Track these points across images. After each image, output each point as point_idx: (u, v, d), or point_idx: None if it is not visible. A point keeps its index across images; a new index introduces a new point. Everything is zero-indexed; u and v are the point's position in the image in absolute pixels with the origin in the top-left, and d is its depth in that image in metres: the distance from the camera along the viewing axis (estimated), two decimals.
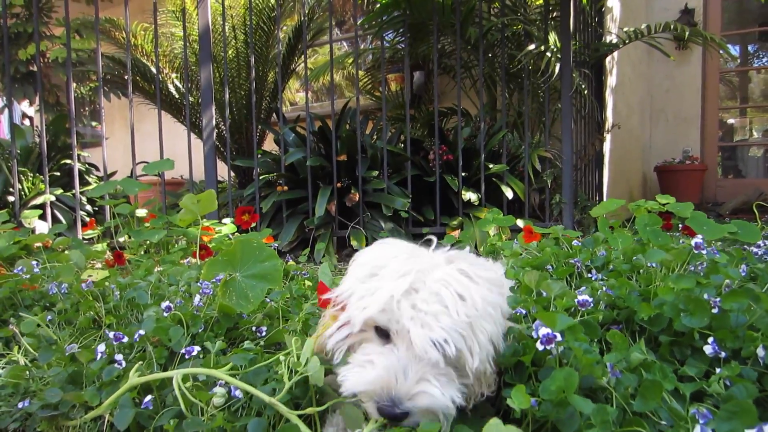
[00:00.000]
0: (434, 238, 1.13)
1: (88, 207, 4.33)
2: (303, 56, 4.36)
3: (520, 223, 3.74)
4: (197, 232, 2.66)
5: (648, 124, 7.33)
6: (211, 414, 1.06)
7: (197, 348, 1.24)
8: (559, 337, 1.00)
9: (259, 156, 4.52)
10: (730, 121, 8.15)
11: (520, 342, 1.10)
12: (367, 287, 1.03)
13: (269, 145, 6.09)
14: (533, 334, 1.08)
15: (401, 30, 5.33)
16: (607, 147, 5.66)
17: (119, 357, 1.23)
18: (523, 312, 1.27)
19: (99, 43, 3.90)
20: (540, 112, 5.08)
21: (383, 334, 1.02)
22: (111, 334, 1.29)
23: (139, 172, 3.77)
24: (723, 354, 1.14)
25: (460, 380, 0.99)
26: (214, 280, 1.59)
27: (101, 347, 1.28)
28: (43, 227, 3.76)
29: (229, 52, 5.17)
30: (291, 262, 2.70)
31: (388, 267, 1.03)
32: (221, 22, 4.31)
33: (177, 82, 5.55)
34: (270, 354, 1.26)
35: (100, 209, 4.34)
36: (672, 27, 4.47)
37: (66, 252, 2.62)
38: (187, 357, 1.23)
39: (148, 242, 2.86)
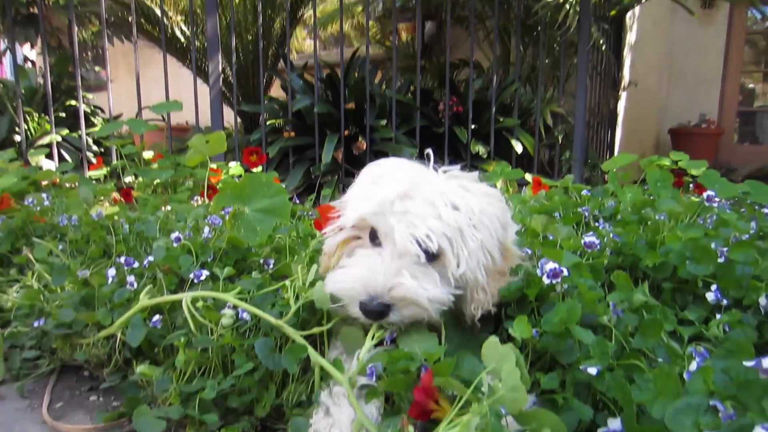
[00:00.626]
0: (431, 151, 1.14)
1: (95, 148, 4.34)
2: (311, 1, 4.26)
3: (528, 177, 3.72)
4: (205, 172, 2.67)
5: (666, 85, 7.18)
6: (220, 334, 1.09)
7: (206, 272, 1.26)
8: (565, 272, 1.02)
9: (266, 102, 4.48)
10: (751, 85, 7.96)
11: (526, 279, 1.12)
12: (365, 191, 1.07)
13: (276, 92, 6.02)
14: (539, 270, 1.10)
15: None
16: (621, 105, 5.58)
17: (131, 278, 1.26)
18: (529, 251, 1.28)
19: None
20: (554, 66, 4.98)
21: (375, 239, 1.06)
22: (122, 259, 1.32)
23: (146, 117, 3.75)
24: (725, 301, 1.15)
25: (446, 287, 1.02)
26: (222, 212, 1.60)
27: (112, 271, 1.30)
28: (50, 166, 3.78)
29: None
30: (298, 203, 2.71)
31: (389, 175, 1.07)
32: None
33: (183, 26, 5.45)
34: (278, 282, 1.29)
35: (107, 151, 4.34)
36: None
37: (74, 189, 2.64)
38: (195, 281, 1.26)
39: (155, 183, 2.87)
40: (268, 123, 4.37)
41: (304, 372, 1.11)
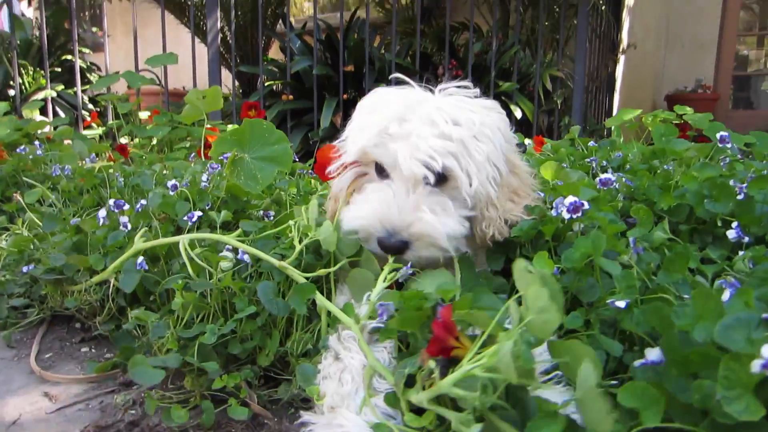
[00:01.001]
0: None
1: (90, 106, 4.22)
2: None
3: (527, 142, 3.66)
4: (202, 131, 2.58)
5: (663, 49, 7.06)
6: (219, 278, 1.03)
7: (198, 213, 1.20)
8: (586, 205, 0.96)
9: (265, 63, 4.36)
10: (745, 52, 7.88)
11: (540, 217, 1.07)
12: (362, 123, 1.04)
13: (274, 54, 5.88)
14: (554, 211, 1.05)
15: None
16: (619, 71, 5.49)
17: (124, 219, 1.20)
18: (542, 194, 1.23)
19: None
20: (554, 30, 4.88)
21: (382, 172, 1.03)
22: (112, 202, 1.25)
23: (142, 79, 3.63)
24: (746, 239, 1.11)
25: (460, 211, 0.99)
26: (221, 158, 1.53)
27: (102, 212, 1.24)
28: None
29: None
30: (298, 163, 2.64)
31: (385, 102, 1.03)
32: None
33: None
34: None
35: (103, 112, 4.23)
36: None
37: (68, 144, 2.55)
38: (190, 223, 1.19)
39: (152, 141, 2.79)
40: (266, 85, 4.27)
41: (308, 321, 1.06)
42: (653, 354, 0.71)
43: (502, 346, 0.65)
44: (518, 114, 4.20)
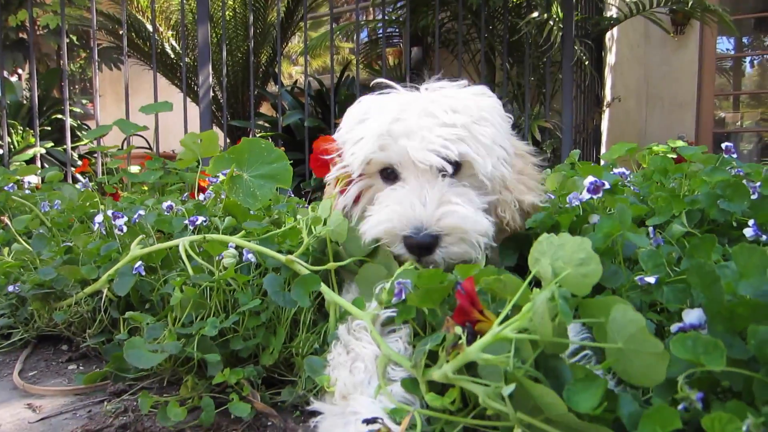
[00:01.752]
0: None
1: (80, 163, 4.19)
2: (301, 21, 4.27)
3: None
4: (195, 175, 2.56)
5: (644, 109, 7.31)
6: (220, 271, 0.97)
7: (201, 218, 1.15)
8: (607, 185, 0.93)
9: (255, 118, 4.42)
10: (722, 114, 8.21)
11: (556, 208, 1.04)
12: (357, 134, 1.01)
13: (265, 111, 6.00)
14: (570, 199, 1.02)
15: (401, 4, 5.27)
16: (604, 125, 5.64)
17: (120, 222, 1.14)
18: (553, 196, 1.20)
19: None
20: (540, 84, 5.04)
21: (389, 177, 1.00)
22: (109, 212, 1.20)
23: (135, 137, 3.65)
24: (764, 237, 1.08)
25: (482, 198, 0.96)
26: (220, 173, 1.50)
27: (99, 218, 1.18)
28: (33, 180, 3.64)
29: (227, 12, 5.07)
30: (293, 197, 2.60)
31: (374, 108, 1.02)
32: None
33: (173, 42, 5.42)
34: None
35: (92, 166, 4.21)
36: None
37: (57, 191, 2.51)
38: (191, 227, 1.14)
39: (143, 187, 2.75)
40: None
41: (314, 324, 1.00)
42: (692, 316, 0.65)
43: (537, 299, 0.60)
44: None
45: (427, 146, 0.93)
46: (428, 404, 0.70)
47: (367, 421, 0.67)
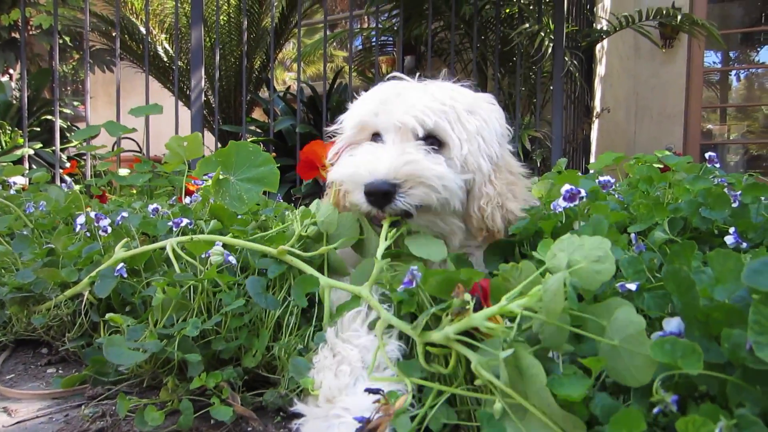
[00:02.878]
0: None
1: (68, 165, 4.16)
2: (295, 27, 4.28)
3: None
4: (182, 179, 2.55)
5: (633, 121, 7.38)
6: (204, 270, 0.97)
7: (186, 220, 1.14)
8: (583, 193, 0.94)
9: (247, 123, 4.42)
10: (710, 127, 8.31)
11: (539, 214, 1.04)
12: (359, 103, 1.10)
13: (257, 117, 5.99)
14: (552, 209, 1.03)
15: (396, 10, 5.30)
16: (594, 135, 5.68)
17: (104, 223, 1.13)
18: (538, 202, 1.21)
19: None
20: (530, 94, 5.07)
21: (377, 140, 1.06)
22: (92, 214, 1.19)
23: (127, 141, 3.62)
24: (745, 244, 1.09)
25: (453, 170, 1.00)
26: (207, 177, 1.50)
27: (81, 219, 1.17)
28: (20, 181, 3.60)
29: (221, 17, 5.07)
30: (282, 202, 2.60)
31: (379, 88, 1.09)
32: None
33: (166, 45, 5.40)
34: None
35: (81, 168, 4.17)
36: (664, 12, 4.50)
37: (43, 192, 2.49)
38: (175, 228, 1.14)
39: (131, 190, 2.74)
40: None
41: (298, 327, 0.99)
42: (672, 324, 0.65)
43: (552, 279, 0.61)
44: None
45: (410, 111, 0.99)
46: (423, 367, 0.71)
47: (370, 391, 0.68)
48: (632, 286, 0.80)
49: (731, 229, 1.10)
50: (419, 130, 0.97)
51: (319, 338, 0.87)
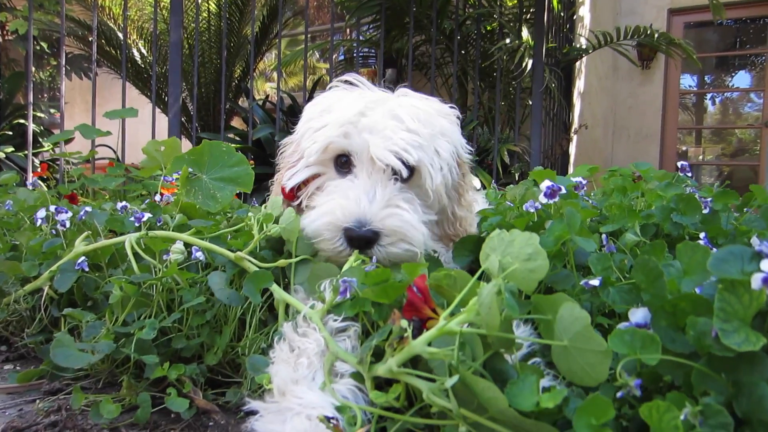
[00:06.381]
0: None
1: (40, 169, 4.07)
2: (276, 38, 4.28)
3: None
4: (158, 184, 2.51)
5: (611, 139, 7.51)
6: (165, 267, 0.94)
7: (148, 214, 1.12)
8: (563, 189, 0.94)
9: (226, 131, 4.39)
10: (685, 148, 8.50)
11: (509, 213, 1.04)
12: (320, 122, 1.02)
13: (236, 125, 5.96)
14: (525, 207, 1.02)
15: (377, 22, 5.33)
16: (572, 150, 5.75)
17: (63, 217, 1.10)
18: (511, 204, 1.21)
19: None
20: (510, 109, 5.13)
21: (343, 165, 1.01)
22: (53, 208, 1.16)
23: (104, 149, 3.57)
24: (714, 249, 1.10)
25: (423, 208, 1.00)
26: (176, 173, 1.47)
27: (41, 212, 1.14)
28: None
29: (201, 24, 5.04)
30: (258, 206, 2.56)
31: (341, 101, 1.03)
32: None
33: (144, 51, 5.35)
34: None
35: (54, 173, 4.09)
36: (641, 31, 4.60)
37: (12, 194, 2.43)
38: (137, 224, 1.11)
39: (104, 194, 2.69)
40: None
41: (263, 324, 0.97)
42: (638, 315, 0.65)
43: (483, 291, 0.59)
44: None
45: (389, 146, 0.94)
46: (372, 401, 0.67)
47: (327, 419, 0.64)
48: (595, 282, 0.80)
49: (701, 234, 1.11)
50: (404, 172, 0.97)
51: (278, 333, 0.85)
